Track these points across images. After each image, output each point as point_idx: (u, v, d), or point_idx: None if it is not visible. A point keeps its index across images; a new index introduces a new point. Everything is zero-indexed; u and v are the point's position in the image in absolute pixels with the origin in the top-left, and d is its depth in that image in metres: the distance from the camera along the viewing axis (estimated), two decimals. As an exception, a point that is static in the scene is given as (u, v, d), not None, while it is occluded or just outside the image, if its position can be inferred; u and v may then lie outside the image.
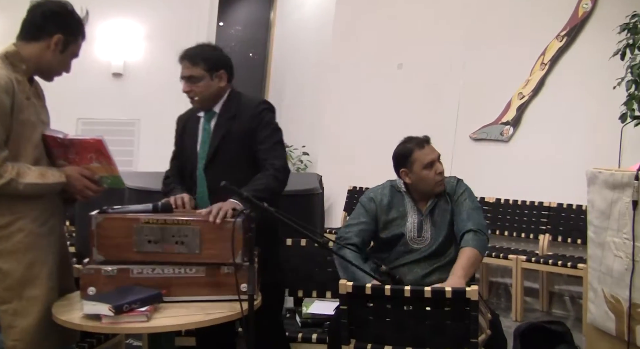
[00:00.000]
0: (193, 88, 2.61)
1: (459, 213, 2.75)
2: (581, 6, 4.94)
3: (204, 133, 2.69)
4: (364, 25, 6.34)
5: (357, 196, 5.91)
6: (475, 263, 2.59)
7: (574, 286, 4.79)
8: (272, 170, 2.53)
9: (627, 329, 2.31)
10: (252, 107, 2.66)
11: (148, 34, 6.61)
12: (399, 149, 2.83)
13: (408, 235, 2.76)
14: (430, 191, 2.77)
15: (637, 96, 3.97)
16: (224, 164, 2.59)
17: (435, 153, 2.77)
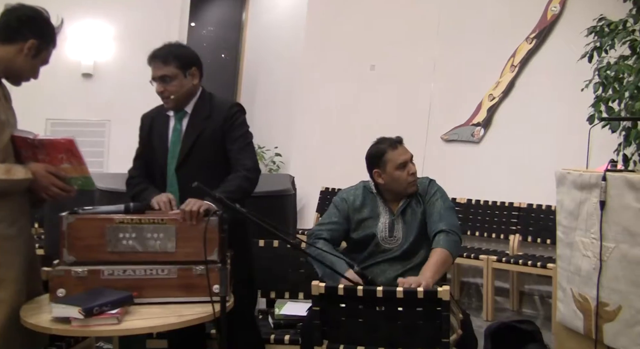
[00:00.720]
0: (167, 87, 2.58)
1: (431, 214, 2.75)
2: (550, 9, 5.02)
3: (174, 132, 2.65)
4: (336, 26, 6.35)
5: (330, 197, 5.91)
6: (446, 264, 2.59)
7: (543, 286, 4.85)
8: (243, 171, 2.52)
9: (594, 328, 2.35)
10: (225, 109, 2.64)
11: (119, 34, 6.53)
12: (372, 150, 2.84)
13: (379, 235, 2.77)
14: (403, 192, 2.78)
15: (605, 98, 4.04)
16: (197, 165, 2.57)
17: (408, 154, 2.78)
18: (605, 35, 4.01)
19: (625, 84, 3.91)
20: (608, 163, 2.40)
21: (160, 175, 2.67)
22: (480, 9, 5.41)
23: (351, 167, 3.01)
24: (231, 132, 2.60)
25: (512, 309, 4.95)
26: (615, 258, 2.26)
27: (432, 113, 5.62)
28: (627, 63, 3.94)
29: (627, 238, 2.21)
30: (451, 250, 2.61)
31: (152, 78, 2.61)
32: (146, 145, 2.75)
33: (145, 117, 2.81)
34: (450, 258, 2.61)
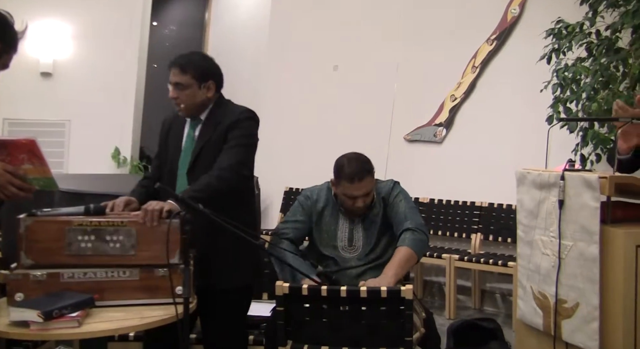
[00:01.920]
0: (180, 95, 2.58)
1: (395, 215, 2.76)
2: (510, 11, 5.10)
3: (187, 139, 2.65)
4: (300, 26, 6.35)
5: (294, 197, 5.89)
6: (409, 263, 2.61)
7: (504, 284, 4.93)
8: (217, 170, 2.49)
9: (553, 324, 2.39)
10: (235, 114, 2.63)
11: (79, 33, 6.41)
12: (338, 163, 2.79)
13: (339, 245, 2.78)
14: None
15: (563, 99, 4.12)
16: (205, 169, 2.52)
17: (362, 191, 2.70)
18: (562, 38, 4.10)
19: (582, 85, 4.00)
20: (566, 163, 2.44)
21: (169, 176, 2.64)
22: (442, 10, 5.47)
23: (315, 167, 3.02)
24: (230, 133, 2.58)
25: (474, 308, 5.01)
26: (573, 256, 2.31)
27: (395, 113, 5.66)
28: (584, 65, 4.03)
29: (584, 236, 2.26)
30: (415, 249, 2.62)
31: (169, 82, 2.61)
32: (163, 146, 2.76)
33: (166, 120, 2.82)
34: (414, 256, 2.62)
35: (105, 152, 6.23)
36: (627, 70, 3.79)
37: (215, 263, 2.51)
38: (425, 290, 5.34)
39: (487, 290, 5.08)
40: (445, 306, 4.75)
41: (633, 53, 3.75)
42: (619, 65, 3.84)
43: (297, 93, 6.27)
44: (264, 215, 6.24)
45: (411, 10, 5.65)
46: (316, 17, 6.24)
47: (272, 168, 6.20)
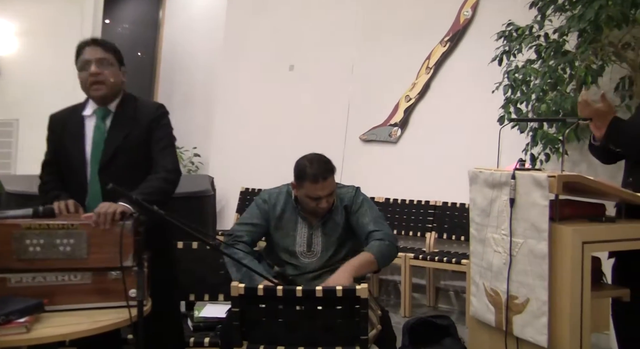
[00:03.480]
0: (104, 71, 2.51)
1: (363, 225, 2.75)
2: (462, 13, 5.18)
3: (96, 132, 2.53)
4: (255, 26, 6.33)
5: (250, 197, 5.88)
6: (366, 266, 2.61)
7: (458, 281, 5.01)
8: (163, 173, 2.46)
9: (505, 320, 2.44)
10: (151, 110, 2.59)
11: (28, 30, 6.25)
12: (299, 165, 2.75)
13: (298, 250, 2.77)
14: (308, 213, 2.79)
15: (513, 100, 4.21)
16: (121, 167, 2.47)
17: (326, 191, 2.69)
18: (513, 40, 4.19)
19: (532, 87, 4.09)
20: (517, 162, 2.49)
21: (77, 180, 2.52)
22: (396, 12, 5.52)
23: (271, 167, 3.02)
24: (155, 133, 2.54)
25: (429, 305, 5.08)
26: (523, 253, 2.36)
27: (351, 113, 5.69)
28: (533, 67, 4.13)
29: (534, 233, 2.31)
30: (377, 256, 2.63)
31: (85, 61, 2.51)
32: (58, 148, 2.60)
33: (56, 118, 2.66)
34: (374, 263, 2.63)
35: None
36: (574, 72, 3.90)
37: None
38: (381, 288, 5.39)
39: (441, 288, 5.15)
40: (401, 304, 4.80)
41: (579, 56, 3.85)
42: (566, 67, 3.94)
43: (253, 93, 6.25)
44: (219, 216, 6.19)
45: (366, 11, 5.69)
46: (271, 17, 6.22)
47: (228, 169, 6.17)
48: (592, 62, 3.87)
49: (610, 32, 3.76)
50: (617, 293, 2.57)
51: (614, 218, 2.50)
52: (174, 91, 7.27)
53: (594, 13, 3.51)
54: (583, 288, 2.26)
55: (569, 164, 4.39)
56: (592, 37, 3.74)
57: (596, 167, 4.13)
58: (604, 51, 3.93)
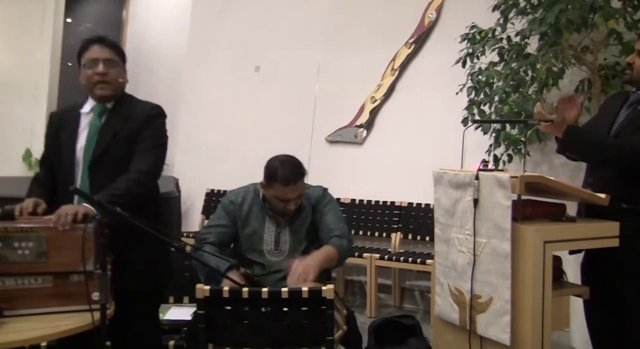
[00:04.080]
0: (110, 71, 2.49)
1: (323, 223, 2.78)
2: (427, 16, 5.23)
3: (91, 128, 2.51)
4: (220, 27, 6.29)
5: (216, 199, 5.85)
6: (329, 258, 2.63)
7: (423, 281, 5.05)
8: (135, 174, 2.42)
9: (469, 319, 2.47)
10: (146, 110, 2.57)
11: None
12: (270, 166, 2.74)
13: (265, 249, 2.77)
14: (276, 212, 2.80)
15: (477, 101, 4.27)
16: (111, 165, 2.43)
17: (295, 194, 2.70)
18: (476, 42, 4.25)
19: (495, 89, 4.15)
20: (480, 163, 2.52)
21: (67, 177, 2.48)
22: (362, 13, 5.55)
23: (237, 168, 3.00)
24: (143, 132, 2.51)
25: (394, 305, 5.11)
26: (487, 252, 2.39)
27: (317, 114, 5.70)
28: (496, 69, 4.19)
29: (497, 233, 2.35)
30: (339, 249, 2.67)
31: (93, 60, 2.49)
32: (53, 145, 2.58)
33: (55, 115, 2.65)
34: (337, 255, 2.66)
35: (16, 153, 5.97)
36: (536, 74, 3.97)
37: (131, 267, 2.43)
38: (347, 289, 5.41)
39: (406, 288, 5.19)
40: (367, 305, 4.82)
41: (540, 58, 3.92)
42: (528, 69, 4.00)
43: (219, 94, 6.22)
44: (184, 217, 6.14)
45: (331, 12, 5.71)
46: (237, 18, 6.20)
47: (193, 170, 6.12)
48: (553, 65, 3.94)
49: (570, 36, 3.84)
50: (577, 291, 2.63)
51: (574, 217, 2.55)
52: (138, 91, 7.09)
53: (555, 17, 3.58)
54: (544, 286, 2.30)
55: (530, 165, 4.47)
56: (552, 40, 3.81)
57: (557, 167, 4.22)
58: (564, 54, 4.01)
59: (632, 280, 2.52)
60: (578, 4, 3.55)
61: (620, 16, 3.58)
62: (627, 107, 2.64)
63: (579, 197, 2.56)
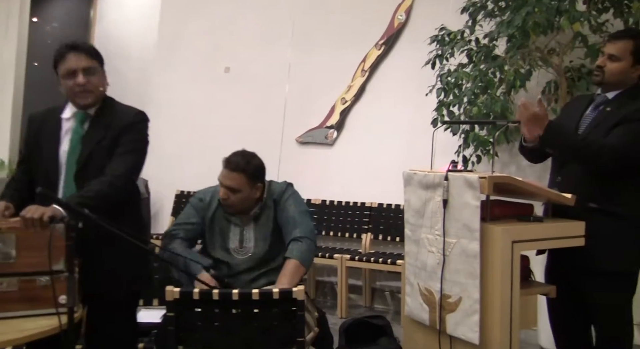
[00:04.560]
0: (91, 80, 2.45)
1: (285, 220, 2.76)
2: (397, 17, 5.26)
3: (74, 135, 2.46)
4: (190, 27, 6.24)
5: (185, 200, 5.80)
6: (298, 274, 2.61)
7: (393, 282, 5.08)
8: (110, 177, 2.38)
9: (438, 319, 2.49)
10: (129, 116, 2.53)
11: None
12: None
13: (231, 247, 2.76)
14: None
15: (446, 103, 4.31)
16: (96, 172, 2.39)
17: (226, 181, 2.73)
18: (445, 44, 4.28)
19: (463, 90, 4.19)
20: (449, 164, 2.55)
21: (48, 182, 2.42)
22: (332, 14, 5.55)
23: (207, 169, 2.98)
24: (124, 136, 2.47)
25: (365, 306, 5.13)
26: (456, 252, 2.41)
27: (287, 115, 5.69)
28: (465, 71, 4.23)
29: (466, 233, 2.37)
30: (301, 260, 2.64)
31: (71, 71, 2.44)
32: (32, 148, 2.53)
33: (34, 118, 2.59)
34: (302, 267, 2.63)
35: (-20, 155, 5.85)
36: (503, 76, 4.01)
37: (102, 270, 2.40)
38: (317, 290, 5.41)
39: (377, 288, 5.21)
40: (337, 306, 4.83)
41: (508, 60, 3.97)
42: (496, 71, 4.06)
43: (188, 95, 6.16)
44: (154, 219, 6.08)
45: (302, 13, 5.70)
46: (206, 18, 6.15)
47: (163, 171, 6.05)
48: (520, 67, 4.00)
49: (537, 38, 3.90)
50: (544, 290, 2.66)
51: (541, 217, 2.59)
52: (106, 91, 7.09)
53: (522, 19, 3.63)
54: (512, 285, 2.33)
55: (499, 165, 4.53)
56: (520, 43, 3.87)
57: (525, 168, 4.28)
58: (531, 56, 4.07)
59: (599, 280, 2.57)
60: (544, 7, 3.61)
61: (585, 19, 3.65)
62: (593, 108, 2.69)
63: (546, 197, 2.60)
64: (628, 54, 2.58)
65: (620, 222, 2.53)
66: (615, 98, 2.63)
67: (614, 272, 2.55)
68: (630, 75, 2.60)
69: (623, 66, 2.59)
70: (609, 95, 2.66)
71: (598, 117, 2.64)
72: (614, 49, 2.61)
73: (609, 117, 2.58)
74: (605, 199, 2.54)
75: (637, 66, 2.60)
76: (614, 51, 2.60)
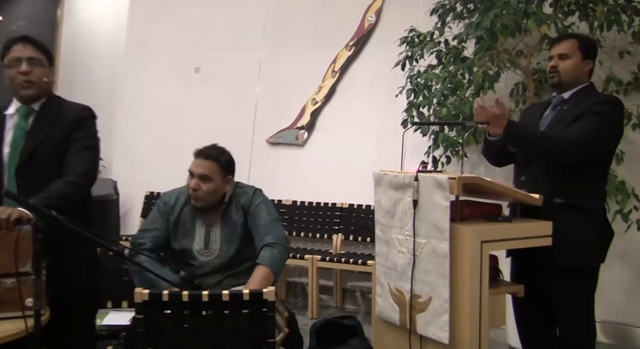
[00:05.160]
0: (35, 70, 2.41)
1: (256, 226, 2.74)
2: (367, 18, 5.28)
3: (18, 130, 2.43)
4: (159, 27, 6.19)
5: (155, 201, 5.74)
6: (267, 281, 2.58)
7: (364, 282, 5.10)
8: (72, 176, 2.36)
9: (408, 318, 2.51)
10: (75, 111, 2.50)
11: None
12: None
13: (195, 248, 2.73)
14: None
15: (416, 104, 4.33)
16: (39, 168, 2.37)
17: (198, 170, 2.70)
18: (415, 46, 4.31)
19: (433, 91, 4.23)
20: (419, 165, 2.56)
21: None
22: (302, 15, 5.55)
23: (178, 170, 2.96)
24: (75, 134, 2.44)
25: (336, 306, 5.14)
26: (426, 253, 2.43)
27: (258, 116, 5.68)
28: (434, 72, 4.27)
29: (436, 234, 2.39)
30: (272, 267, 2.61)
31: (16, 59, 2.42)
32: None
33: None
34: (271, 275, 2.61)
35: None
36: (472, 77, 4.06)
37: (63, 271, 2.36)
38: (288, 290, 5.40)
39: (348, 289, 5.22)
40: (308, 306, 4.83)
41: (477, 62, 4.02)
42: (465, 72, 4.10)
43: (158, 95, 6.11)
44: (123, 221, 6.00)
45: (272, 14, 5.70)
46: (176, 18, 6.11)
47: (132, 172, 6.00)
48: (488, 68, 4.04)
49: (505, 40, 3.95)
50: (512, 290, 2.69)
51: (509, 217, 2.62)
52: (74, 91, 6.97)
53: (490, 21, 3.68)
54: (482, 285, 2.36)
55: (468, 166, 4.57)
56: (488, 45, 3.91)
57: (493, 168, 4.30)
58: (499, 58, 4.12)
59: (561, 276, 2.61)
60: (512, 9, 3.65)
61: (551, 22, 3.71)
62: (551, 109, 2.79)
63: (514, 197, 2.63)
64: (576, 50, 2.69)
65: (583, 216, 2.59)
66: (571, 98, 2.72)
67: (575, 267, 2.59)
68: (583, 70, 2.71)
69: (575, 62, 2.69)
70: (564, 95, 2.75)
71: (557, 116, 2.72)
72: (561, 48, 2.72)
73: (566, 115, 2.66)
74: (569, 193, 2.59)
75: (587, 60, 2.71)
76: (562, 50, 2.71)
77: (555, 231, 2.54)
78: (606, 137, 2.61)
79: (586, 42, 2.75)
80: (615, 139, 2.70)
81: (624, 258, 4.28)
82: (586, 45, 2.72)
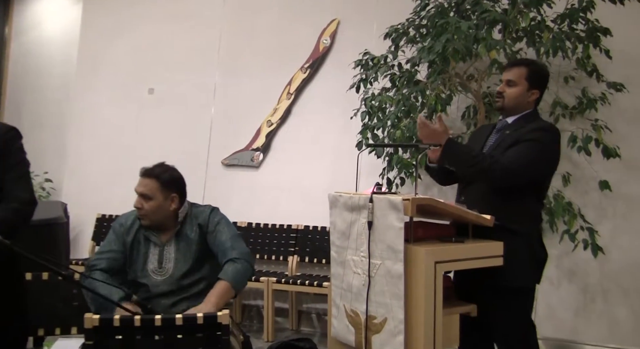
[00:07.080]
0: None
1: (220, 243, 2.73)
2: (322, 41, 5.34)
3: None
4: (112, 47, 6.13)
5: (107, 224, 5.64)
6: (226, 295, 2.59)
7: (320, 304, 5.08)
8: (16, 203, 2.30)
9: (364, 340, 2.50)
10: (2, 131, 2.43)
11: None
12: None
13: (149, 268, 2.70)
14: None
15: (371, 126, 4.38)
16: None
17: (140, 188, 2.74)
18: (369, 69, 4.37)
19: (387, 114, 4.28)
20: (374, 186, 2.58)
21: None
22: (258, 37, 5.58)
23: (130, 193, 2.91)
24: (6, 159, 2.37)
25: (292, 329, 5.10)
26: (381, 273, 2.44)
27: (213, 137, 5.65)
28: (388, 95, 4.32)
29: (390, 254, 2.40)
30: (234, 282, 2.61)
31: None
32: None
33: None
34: (231, 290, 2.60)
35: None
36: (425, 100, 4.13)
37: None
38: (244, 313, 5.34)
39: (304, 311, 5.20)
40: (264, 329, 4.78)
41: (429, 85, 4.09)
42: (418, 95, 4.16)
43: (111, 115, 6.02)
44: (73, 244, 5.86)
45: (228, 35, 5.71)
46: (130, 38, 6.06)
47: (83, 194, 5.88)
48: (441, 91, 4.12)
49: (456, 64, 4.04)
50: (465, 309, 2.72)
51: (462, 239, 2.66)
52: (23, 112, 6.83)
53: (442, 46, 3.76)
54: (436, 305, 2.38)
55: (422, 188, 4.63)
56: (440, 68, 3.99)
57: (446, 190, 4.38)
58: (451, 82, 4.21)
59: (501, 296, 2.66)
60: (463, 34, 3.74)
61: (500, 47, 3.81)
62: (496, 133, 2.88)
63: (465, 219, 2.67)
64: (523, 79, 2.78)
65: (516, 239, 2.64)
66: (514, 123, 2.81)
67: (510, 288, 2.65)
68: (527, 99, 2.79)
69: (520, 90, 2.78)
70: (508, 120, 2.84)
71: (498, 139, 2.81)
72: (510, 74, 2.81)
73: (506, 139, 2.74)
74: (504, 216, 2.64)
75: (533, 90, 2.79)
76: (511, 77, 2.80)
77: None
78: (539, 164, 2.67)
79: (536, 71, 2.81)
80: (549, 165, 2.77)
81: (572, 277, 4.39)
82: (534, 75, 2.79)
